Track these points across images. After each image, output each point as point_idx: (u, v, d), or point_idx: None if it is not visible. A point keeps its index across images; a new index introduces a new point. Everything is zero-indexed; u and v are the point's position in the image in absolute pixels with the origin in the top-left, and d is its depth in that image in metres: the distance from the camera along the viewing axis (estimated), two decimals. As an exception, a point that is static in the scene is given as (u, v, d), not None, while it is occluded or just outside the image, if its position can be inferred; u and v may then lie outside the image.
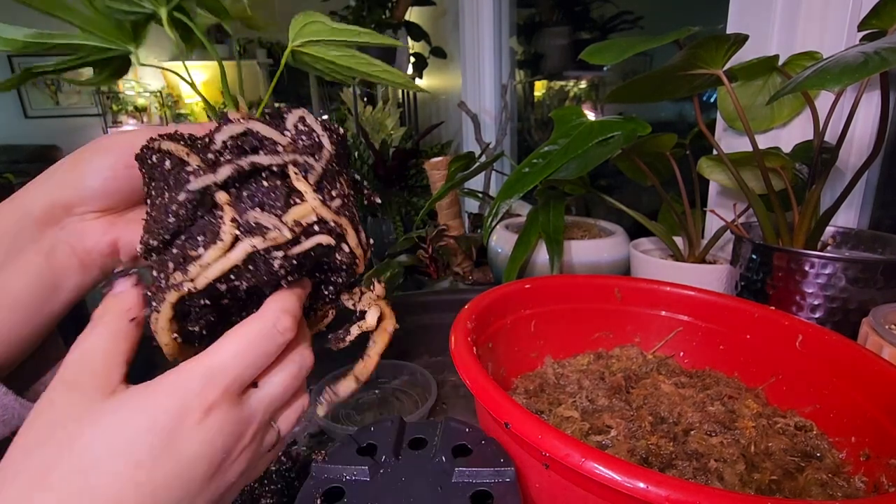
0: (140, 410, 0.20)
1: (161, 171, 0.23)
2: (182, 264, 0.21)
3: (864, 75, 0.32)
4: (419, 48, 2.24)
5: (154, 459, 0.19)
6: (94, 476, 0.19)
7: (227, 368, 0.21)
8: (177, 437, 0.20)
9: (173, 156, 0.22)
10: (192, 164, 0.21)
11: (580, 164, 0.52)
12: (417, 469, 0.29)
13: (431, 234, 0.89)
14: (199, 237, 0.21)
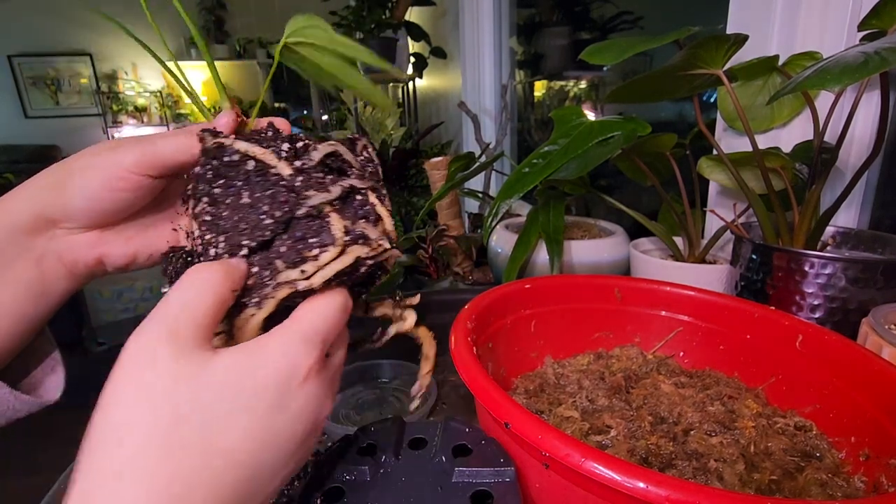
0: (252, 368, 0.21)
1: (239, 171, 0.24)
2: (297, 264, 0.23)
3: (864, 75, 0.32)
4: (419, 48, 2.24)
5: (269, 416, 0.21)
6: (217, 430, 0.20)
7: (321, 333, 0.23)
8: (287, 395, 0.21)
9: (259, 160, 0.24)
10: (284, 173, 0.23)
11: (580, 164, 0.52)
12: (417, 469, 0.29)
13: (431, 234, 0.89)
14: (312, 240, 0.23)
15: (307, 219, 0.23)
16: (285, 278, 0.23)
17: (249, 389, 0.20)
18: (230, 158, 0.24)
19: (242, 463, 0.20)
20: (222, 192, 0.24)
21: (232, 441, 0.20)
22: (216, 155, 0.24)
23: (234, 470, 0.20)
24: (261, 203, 0.23)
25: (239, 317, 0.23)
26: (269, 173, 0.24)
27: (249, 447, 0.20)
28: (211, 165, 0.25)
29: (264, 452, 0.21)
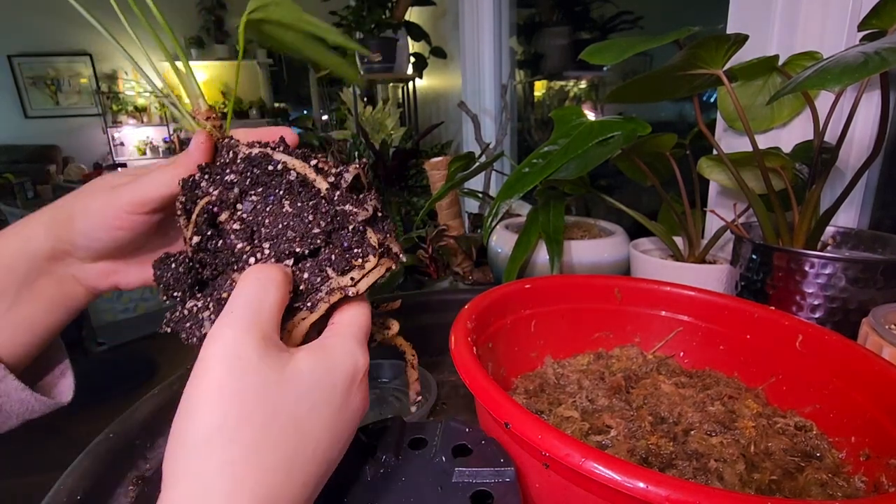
0: (329, 370, 0.23)
1: (280, 181, 0.26)
2: (346, 272, 0.25)
3: (864, 75, 0.32)
4: (419, 48, 2.24)
5: (340, 410, 0.23)
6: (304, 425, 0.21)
7: (366, 336, 0.26)
8: (352, 392, 0.24)
9: (299, 173, 0.26)
10: (322, 187, 0.25)
11: (580, 164, 0.52)
12: (418, 469, 0.29)
13: (431, 234, 0.89)
14: (357, 250, 0.25)
15: (349, 232, 0.25)
16: (337, 284, 0.25)
17: (328, 387, 0.23)
18: (273, 168, 0.26)
19: (324, 453, 0.22)
20: (261, 199, 0.25)
21: (317, 434, 0.22)
22: (258, 164, 0.26)
23: (316, 454, 0.22)
24: (305, 213, 0.25)
25: (291, 320, 0.25)
26: (310, 186, 0.26)
27: (328, 438, 0.22)
28: (251, 174, 0.26)
29: (335, 443, 0.23)
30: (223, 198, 0.26)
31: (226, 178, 0.26)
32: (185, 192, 0.27)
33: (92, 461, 0.37)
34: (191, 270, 0.26)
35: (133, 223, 0.29)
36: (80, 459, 0.37)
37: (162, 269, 0.27)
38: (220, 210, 0.26)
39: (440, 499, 0.27)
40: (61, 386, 0.34)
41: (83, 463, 0.37)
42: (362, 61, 2.11)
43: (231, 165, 0.26)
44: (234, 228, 0.25)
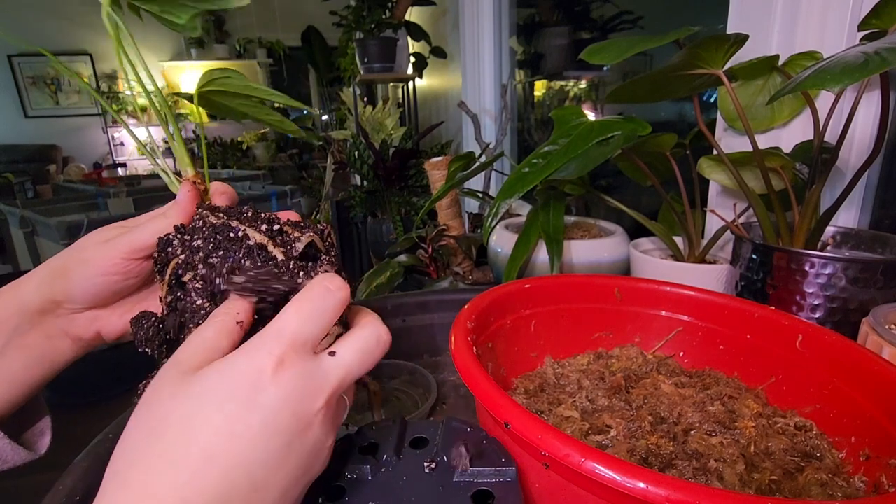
0: (224, 374, 0.23)
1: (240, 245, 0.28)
2: None
3: (864, 75, 0.32)
4: (419, 48, 2.24)
5: (243, 412, 0.22)
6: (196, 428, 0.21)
7: (289, 324, 0.24)
8: (257, 390, 0.22)
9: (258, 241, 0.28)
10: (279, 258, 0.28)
11: (580, 164, 0.52)
12: (418, 468, 0.29)
13: (431, 234, 0.89)
14: None
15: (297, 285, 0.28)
16: None
17: (222, 392, 0.22)
18: (234, 234, 0.28)
19: (219, 454, 0.21)
20: (220, 260, 0.28)
21: (206, 439, 0.21)
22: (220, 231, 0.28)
23: (213, 467, 0.21)
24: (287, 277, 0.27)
25: None
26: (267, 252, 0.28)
27: (227, 442, 0.21)
28: (213, 239, 0.28)
29: (241, 443, 0.22)
30: (189, 261, 0.29)
31: (194, 244, 0.29)
32: (158, 251, 0.30)
33: (92, 461, 0.37)
34: (159, 331, 0.29)
35: (127, 269, 0.32)
36: (80, 459, 0.37)
37: (137, 328, 0.29)
38: (184, 272, 0.29)
39: (441, 498, 0.27)
40: (39, 444, 0.36)
41: (83, 463, 0.37)
42: (362, 61, 2.11)
43: (199, 231, 0.29)
44: (195, 287, 0.28)
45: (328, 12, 2.35)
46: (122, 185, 3.10)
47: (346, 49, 2.57)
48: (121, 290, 0.33)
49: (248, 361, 0.23)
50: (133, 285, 0.33)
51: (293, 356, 0.23)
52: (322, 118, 4.72)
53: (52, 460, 0.37)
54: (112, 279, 0.32)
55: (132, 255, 0.31)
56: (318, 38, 3.78)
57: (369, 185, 1.82)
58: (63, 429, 0.37)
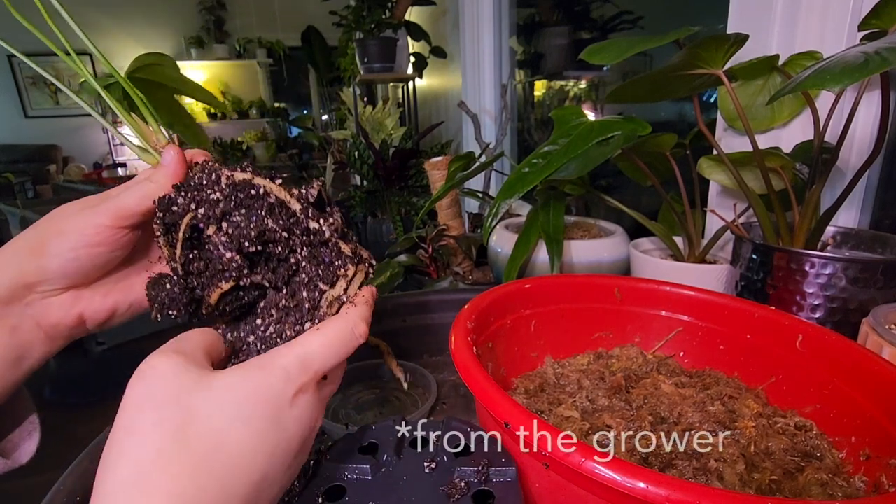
0: (256, 385, 0.22)
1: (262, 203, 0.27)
2: (335, 283, 0.28)
3: (864, 75, 0.32)
4: (419, 48, 2.24)
5: (268, 429, 0.22)
6: (224, 438, 0.21)
7: (317, 357, 0.24)
8: (281, 411, 0.23)
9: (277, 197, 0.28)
10: (296, 208, 0.28)
11: (580, 164, 0.52)
12: (418, 468, 0.29)
13: (431, 234, 0.89)
14: (337, 262, 0.28)
15: (327, 248, 0.28)
16: (332, 296, 0.28)
17: (246, 404, 0.22)
18: (255, 192, 0.27)
19: (241, 468, 0.21)
20: (244, 218, 0.27)
21: (233, 450, 0.21)
22: (242, 188, 0.27)
23: (233, 474, 0.21)
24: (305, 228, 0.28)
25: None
26: (286, 207, 0.28)
27: (249, 457, 0.21)
28: (235, 197, 0.27)
29: (261, 460, 0.22)
30: (209, 214, 0.27)
31: (211, 197, 0.27)
32: (161, 210, 0.28)
33: (92, 461, 0.37)
34: (186, 289, 0.27)
35: (114, 238, 0.28)
36: (80, 459, 0.37)
37: (156, 290, 0.27)
38: (205, 225, 0.27)
39: (441, 498, 0.27)
40: (24, 448, 0.32)
41: (83, 463, 0.37)
42: (362, 61, 2.11)
43: (214, 186, 0.28)
44: (222, 241, 0.27)
45: (328, 12, 2.36)
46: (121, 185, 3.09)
47: (346, 49, 2.57)
48: (105, 263, 0.29)
49: (277, 380, 0.23)
50: (118, 258, 0.30)
51: (310, 386, 0.24)
52: (322, 118, 4.72)
53: (52, 460, 0.37)
54: (96, 250, 0.28)
55: (118, 221, 0.28)
56: (318, 38, 3.78)
57: (369, 185, 1.82)
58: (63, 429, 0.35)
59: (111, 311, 0.31)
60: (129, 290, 0.31)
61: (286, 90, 4.99)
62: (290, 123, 4.73)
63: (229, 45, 4.62)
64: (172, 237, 0.28)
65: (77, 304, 0.29)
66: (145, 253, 0.33)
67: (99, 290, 0.30)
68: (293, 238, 0.28)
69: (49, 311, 0.29)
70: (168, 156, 0.29)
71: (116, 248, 0.29)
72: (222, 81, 4.70)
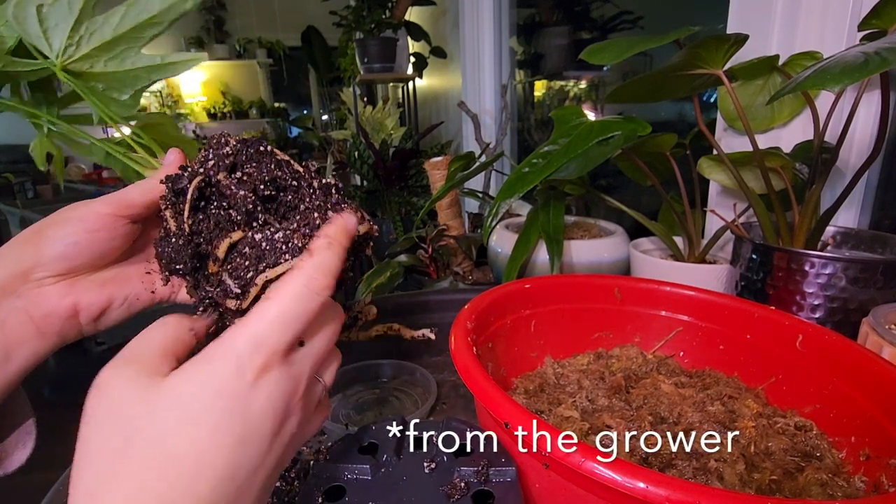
0: (204, 380, 0.21)
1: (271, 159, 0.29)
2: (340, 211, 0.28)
3: (864, 75, 0.32)
4: (419, 48, 2.24)
5: (227, 421, 0.21)
6: (173, 443, 0.20)
7: (270, 332, 0.23)
8: (241, 399, 0.21)
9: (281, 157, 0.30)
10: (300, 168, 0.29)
11: (580, 164, 0.52)
12: (418, 468, 0.29)
13: (431, 234, 0.89)
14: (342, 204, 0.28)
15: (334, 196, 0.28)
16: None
17: (197, 401, 0.21)
18: (264, 148, 0.29)
19: (207, 469, 0.20)
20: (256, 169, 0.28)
21: (191, 452, 0.20)
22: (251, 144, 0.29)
23: (198, 476, 0.20)
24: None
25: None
26: (291, 166, 0.29)
27: (214, 453, 0.20)
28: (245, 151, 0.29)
29: (230, 454, 0.21)
30: (219, 164, 0.28)
31: (220, 152, 0.28)
32: (169, 182, 0.28)
33: (92, 461, 0.37)
34: (190, 243, 0.27)
35: (113, 226, 0.29)
36: (80, 459, 0.37)
37: (163, 246, 0.28)
38: (215, 173, 0.27)
39: (441, 498, 0.27)
40: (17, 455, 0.31)
41: (83, 463, 0.37)
42: (362, 61, 2.11)
43: (224, 146, 0.28)
44: (234, 182, 0.27)
45: (328, 12, 2.36)
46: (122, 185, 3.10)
47: (346, 49, 2.57)
48: (103, 252, 0.29)
49: (228, 366, 0.22)
50: (116, 248, 0.30)
51: (274, 362, 0.23)
52: (322, 118, 4.72)
53: (52, 460, 0.37)
54: (96, 236, 0.28)
55: (120, 210, 0.28)
56: (318, 38, 3.78)
57: (369, 185, 1.82)
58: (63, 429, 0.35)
59: (106, 303, 0.30)
60: (126, 283, 0.31)
61: (286, 90, 4.99)
62: (290, 123, 4.73)
63: (229, 45, 4.62)
64: (180, 205, 0.27)
65: (71, 292, 0.29)
66: (144, 252, 0.33)
67: (95, 281, 0.30)
68: (301, 190, 0.28)
69: (42, 301, 0.28)
70: (170, 156, 0.30)
71: (115, 236, 0.29)
72: (222, 81, 4.70)
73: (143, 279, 0.32)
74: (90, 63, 0.34)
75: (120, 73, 0.34)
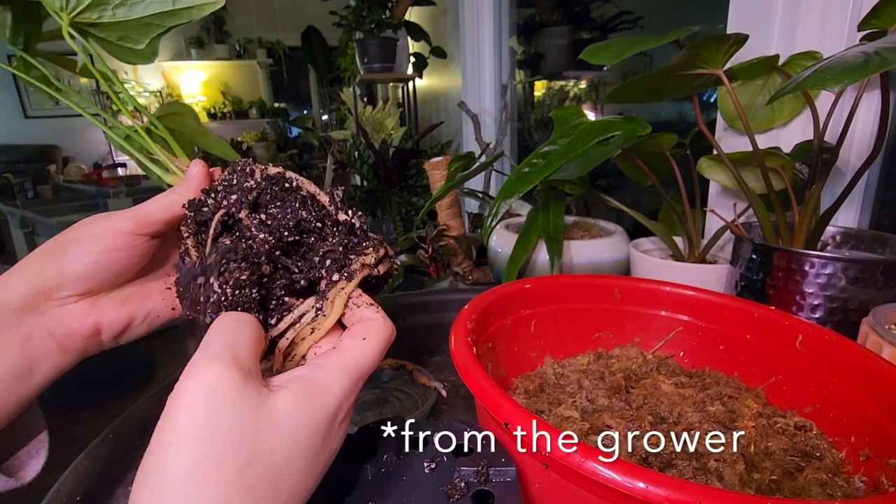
0: (315, 413, 0.22)
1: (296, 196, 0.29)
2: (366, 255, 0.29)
3: (864, 75, 0.32)
4: (419, 48, 2.24)
5: (319, 455, 0.22)
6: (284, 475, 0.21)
7: (367, 369, 0.24)
8: (331, 434, 0.23)
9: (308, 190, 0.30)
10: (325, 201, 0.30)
11: (580, 164, 0.52)
12: (419, 468, 0.29)
13: (431, 234, 0.89)
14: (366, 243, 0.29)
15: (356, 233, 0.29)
16: (362, 262, 0.28)
17: (307, 434, 0.21)
18: (289, 185, 0.29)
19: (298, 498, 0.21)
20: (280, 210, 0.28)
21: (293, 482, 0.21)
22: (276, 181, 0.29)
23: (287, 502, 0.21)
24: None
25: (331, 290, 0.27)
26: (316, 200, 0.29)
27: (303, 486, 0.22)
28: (270, 189, 0.29)
29: (310, 485, 0.22)
30: (242, 199, 0.28)
31: (244, 185, 0.28)
32: (191, 210, 0.28)
33: (92, 462, 0.37)
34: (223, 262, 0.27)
35: (133, 244, 0.28)
36: (80, 460, 0.37)
37: (183, 274, 0.28)
38: (238, 210, 0.28)
39: (441, 498, 0.27)
40: (30, 466, 0.31)
41: (83, 463, 0.37)
42: (362, 61, 2.11)
43: (248, 177, 0.29)
44: (255, 224, 0.27)
45: (328, 12, 2.36)
46: (121, 185, 3.10)
47: (346, 49, 2.57)
48: (123, 270, 0.29)
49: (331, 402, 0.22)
50: (136, 266, 0.30)
51: (351, 406, 0.24)
52: (322, 118, 4.72)
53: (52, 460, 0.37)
54: (115, 255, 0.28)
55: (139, 228, 0.28)
56: (318, 38, 3.78)
57: (369, 185, 1.82)
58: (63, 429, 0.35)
59: (127, 321, 0.30)
60: (146, 300, 0.31)
61: (286, 90, 4.99)
62: (290, 123, 4.73)
63: (229, 45, 4.62)
64: (202, 236, 0.28)
65: (93, 311, 0.29)
66: (164, 266, 0.33)
67: (116, 299, 0.30)
68: (325, 229, 0.29)
69: (64, 319, 0.28)
70: (194, 169, 0.30)
71: (135, 254, 0.29)
72: (222, 81, 4.70)
73: (163, 295, 0.32)
74: (98, 13, 0.31)
75: (131, 20, 0.32)
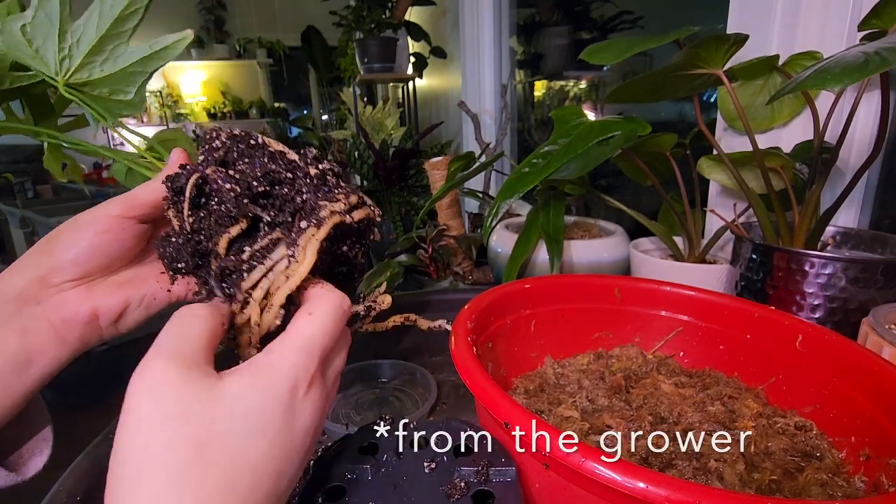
0: (266, 390, 0.22)
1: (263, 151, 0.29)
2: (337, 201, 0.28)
3: (864, 75, 0.32)
4: (419, 48, 2.24)
5: (282, 433, 0.22)
6: (243, 453, 0.20)
7: (319, 342, 0.24)
8: (294, 411, 0.22)
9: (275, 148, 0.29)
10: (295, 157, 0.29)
11: (580, 164, 0.52)
12: (418, 468, 0.29)
13: (431, 234, 0.89)
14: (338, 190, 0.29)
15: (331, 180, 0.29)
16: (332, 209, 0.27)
17: (262, 412, 0.21)
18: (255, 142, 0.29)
19: (263, 480, 0.21)
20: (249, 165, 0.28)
21: (253, 463, 0.20)
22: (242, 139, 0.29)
23: (256, 487, 0.20)
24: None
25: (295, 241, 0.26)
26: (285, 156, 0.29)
27: (270, 465, 0.21)
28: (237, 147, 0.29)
29: (279, 465, 0.21)
30: (209, 158, 0.28)
31: (211, 145, 0.28)
32: (168, 182, 0.28)
33: (91, 462, 0.37)
34: (189, 241, 0.28)
35: (123, 227, 0.29)
36: (80, 460, 0.37)
37: (164, 246, 0.28)
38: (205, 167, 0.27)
39: (441, 498, 0.27)
40: (33, 463, 0.31)
41: (83, 464, 0.37)
42: (362, 61, 2.11)
43: (214, 140, 0.29)
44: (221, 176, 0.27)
45: (328, 12, 2.36)
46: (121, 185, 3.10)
47: (346, 49, 2.57)
48: (115, 254, 0.30)
49: (288, 378, 0.22)
50: (129, 250, 0.30)
51: (318, 374, 0.24)
52: (322, 118, 4.72)
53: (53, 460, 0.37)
54: (105, 238, 0.29)
55: (128, 211, 0.29)
56: (318, 38, 3.77)
57: (369, 185, 1.82)
58: (63, 429, 0.35)
59: (123, 305, 0.31)
60: (142, 284, 0.32)
61: (286, 90, 4.99)
62: (290, 123, 4.73)
63: (229, 45, 4.62)
64: (179, 204, 0.28)
65: (90, 297, 0.29)
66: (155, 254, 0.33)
67: (112, 283, 0.31)
68: (297, 181, 0.28)
69: (62, 306, 0.29)
70: (173, 156, 0.31)
71: (125, 237, 0.30)
72: (222, 81, 4.70)
73: (158, 279, 0.32)
74: (88, 71, 0.34)
75: (117, 73, 0.35)
